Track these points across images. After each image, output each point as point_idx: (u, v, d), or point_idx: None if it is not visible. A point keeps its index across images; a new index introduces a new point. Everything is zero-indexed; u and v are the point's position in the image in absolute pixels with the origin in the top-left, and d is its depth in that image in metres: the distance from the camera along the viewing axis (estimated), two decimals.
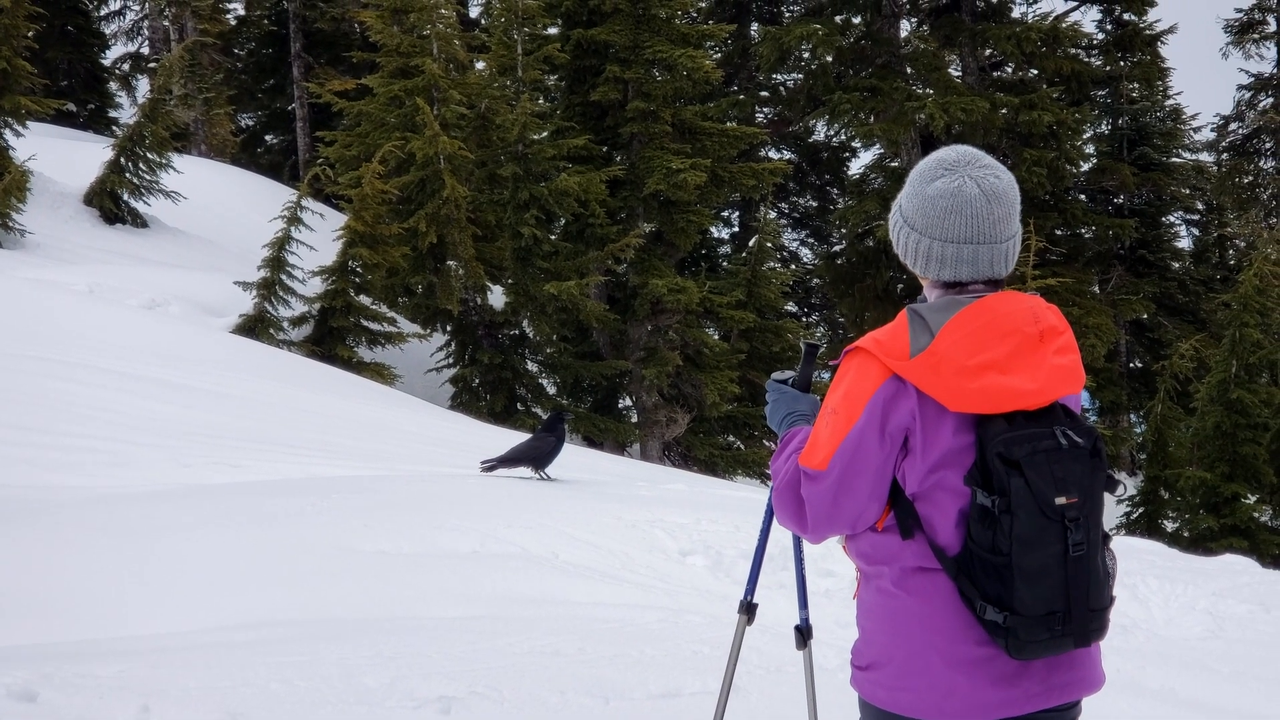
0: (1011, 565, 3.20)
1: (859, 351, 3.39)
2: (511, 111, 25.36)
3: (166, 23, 39.32)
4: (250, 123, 43.91)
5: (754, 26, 37.60)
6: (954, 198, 3.40)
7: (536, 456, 11.25)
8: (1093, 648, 3.42)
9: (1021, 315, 3.36)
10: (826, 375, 5.70)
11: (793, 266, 37.30)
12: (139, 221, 27.59)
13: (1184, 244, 39.30)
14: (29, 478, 10.44)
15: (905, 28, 33.82)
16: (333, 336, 23.67)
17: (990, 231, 3.40)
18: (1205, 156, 38.84)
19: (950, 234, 3.40)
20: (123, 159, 26.97)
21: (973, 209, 3.39)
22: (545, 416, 18.79)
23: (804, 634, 4.39)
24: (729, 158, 27.73)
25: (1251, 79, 37.44)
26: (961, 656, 3.31)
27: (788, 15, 37.58)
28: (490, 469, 11.17)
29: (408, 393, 22.52)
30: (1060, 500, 3.22)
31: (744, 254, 29.36)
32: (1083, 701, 3.49)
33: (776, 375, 3.90)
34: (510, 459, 11.23)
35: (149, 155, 26.97)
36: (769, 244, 29.00)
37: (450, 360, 25.99)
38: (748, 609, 4.53)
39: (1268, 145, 37.59)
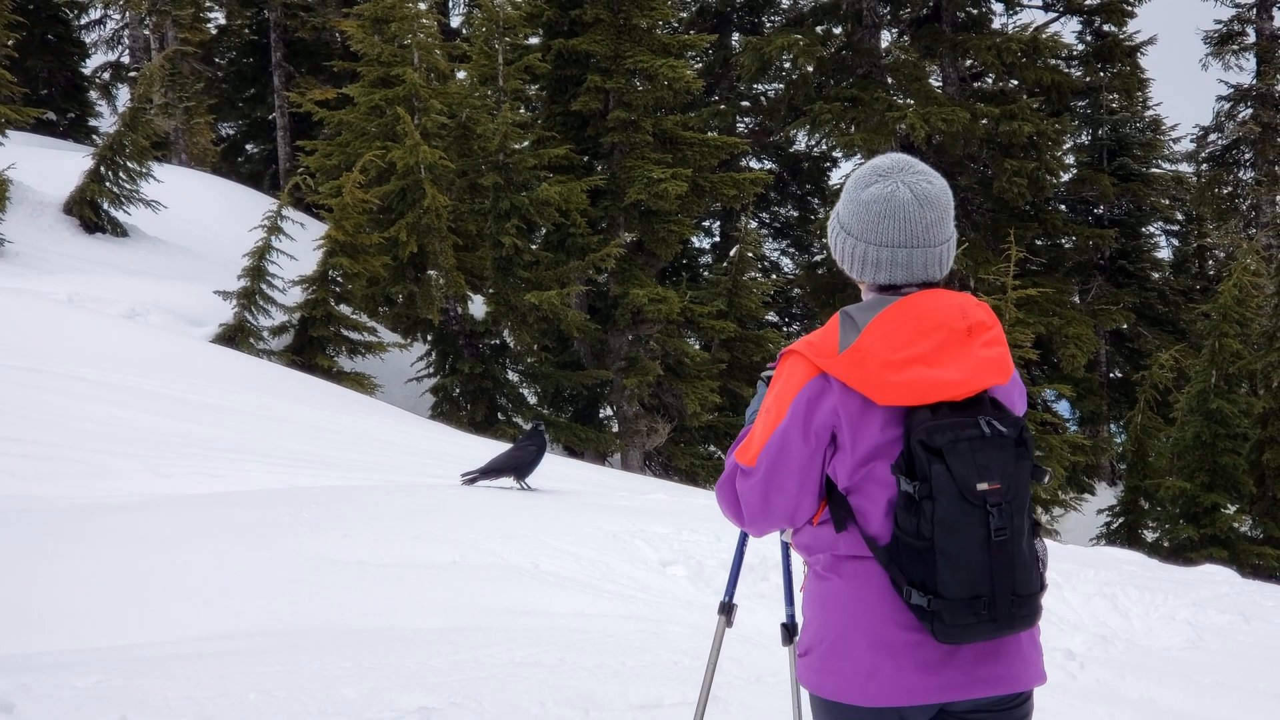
0: (934, 549, 3.28)
1: (791, 353, 3.50)
2: (492, 121, 25.37)
3: (147, 32, 39.23)
4: (231, 132, 43.82)
5: (735, 36, 37.61)
6: (887, 202, 3.48)
7: (518, 466, 11.22)
8: (1026, 644, 3.48)
9: (949, 311, 3.44)
10: None
11: (774, 276, 37.28)
12: (119, 231, 27.53)
13: (1164, 254, 39.44)
14: (6, 488, 10.40)
15: (886, 38, 33.93)
16: (313, 346, 23.64)
17: (923, 235, 3.48)
18: (1185, 167, 38.99)
19: (884, 238, 3.49)
20: (103, 168, 26.92)
21: (905, 213, 3.47)
22: (526, 427, 18.74)
23: (790, 631, 4.41)
24: (710, 167, 27.77)
25: (1231, 90, 37.59)
26: (887, 640, 3.39)
27: (769, 25, 37.63)
28: (471, 481, 11.14)
29: (388, 402, 22.50)
30: (982, 486, 3.28)
31: (725, 264, 29.36)
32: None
33: (767, 371, 3.94)
34: (492, 470, 11.20)
35: (129, 164, 26.91)
36: (750, 254, 29.03)
37: (431, 370, 25.97)
38: (727, 610, 4.59)
39: (1247, 156, 37.73)
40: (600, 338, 26.30)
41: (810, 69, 32.35)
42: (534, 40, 27.47)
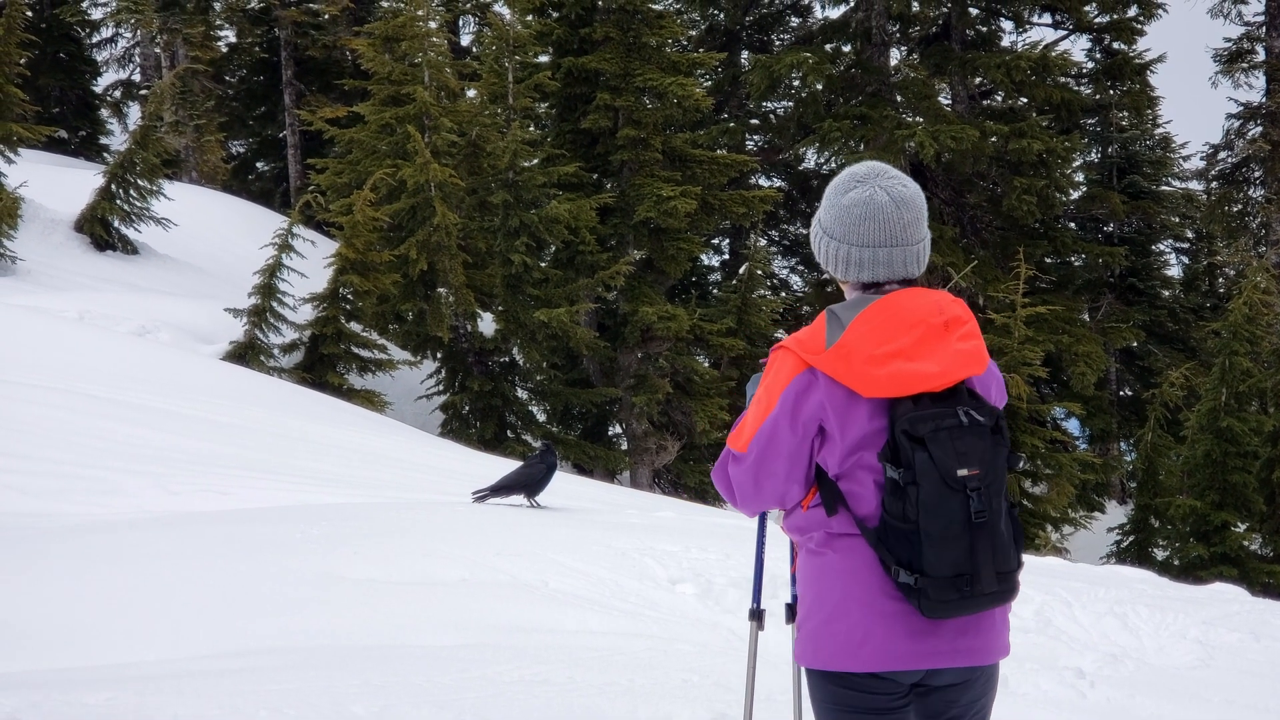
0: (919, 531, 3.54)
1: (781, 349, 3.77)
2: (502, 139, 25.41)
3: (158, 50, 39.39)
4: (241, 150, 43.93)
5: (744, 55, 37.66)
6: (866, 205, 3.78)
7: (529, 484, 11.19)
8: (999, 620, 3.76)
9: (927, 308, 3.70)
10: None
11: (783, 294, 37.30)
12: (129, 248, 27.59)
13: (1174, 272, 39.45)
14: (18, 505, 10.42)
15: (895, 56, 33.92)
16: (323, 363, 23.66)
17: (901, 235, 3.77)
18: (1195, 185, 39.00)
19: (865, 239, 3.77)
20: (114, 186, 26.98)
21: (884, 215, 3.76)
22: (536, 445, 18.69)
23: (792, 610, 4.43)
24: (719, 185, 27.78)
25: (1241, 108, 37.54)
26: (879, 609, 3.66)
27: (778, 43, 37.66)
28: (482, 499, 11.12)
29: (398, 420, 22.52)
30: (962, 472, 3.55)
31: (734, 281, 29.39)
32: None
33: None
34: (502, 487, 11.17)
35: (140, 182, 26.97)
36: (759, 271, 29.07)
37: (440, 387, 25.98)
38: (757, 615, 4.70)
39: (1257, 174, 37.67)
40: (609, 355, 26.31)
41: (819, 87, 32.34)
42: (544, 58, 27.52)
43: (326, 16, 39.54)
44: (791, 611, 4.46)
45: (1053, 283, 32.38)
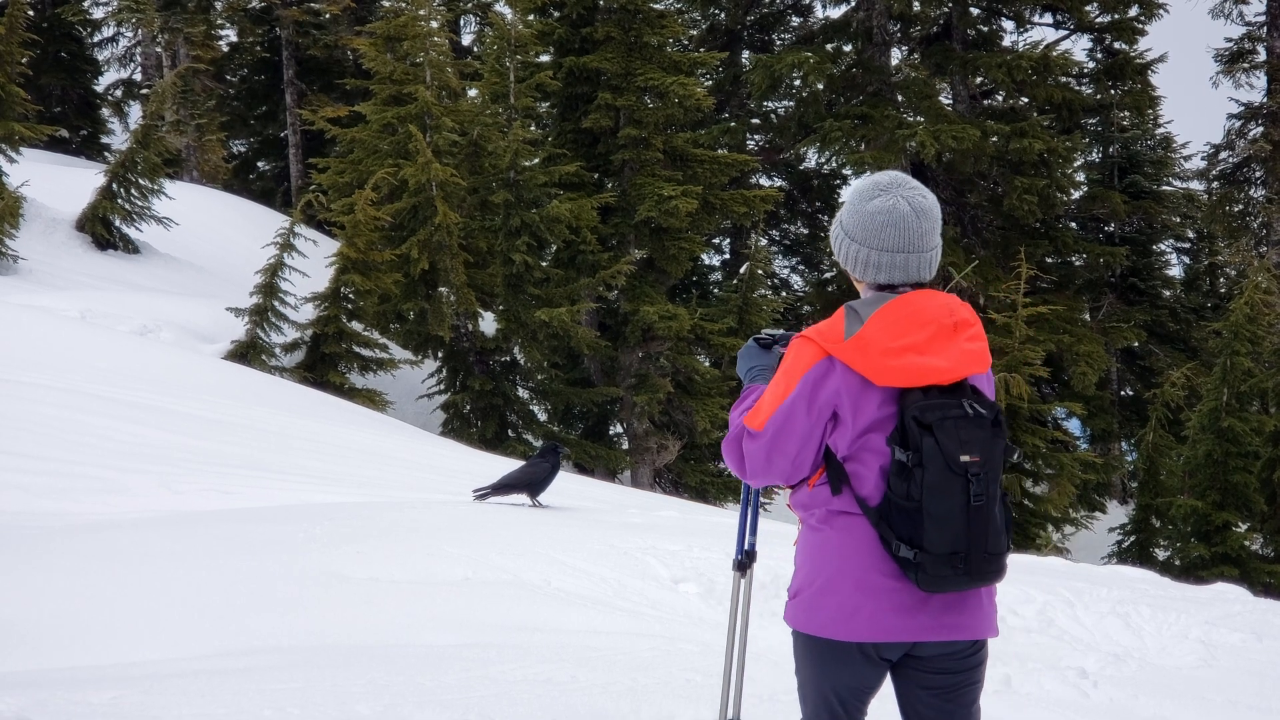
0: (922, 510, 3.84)
1: (803, 338, 4.05)
2: (503, 138, 25.41)
3: (159, 49, 39.40)
4: (243, 149, 43.94)
5: (745, 54, 37.64)
6: (889, 214, 4.06)
7: (531, 483, 11.12)
8: (985, 600, 4.07)
9: (939, 309, 4.01)
10: None
11: (784, 294, 37.29)
12: (131, 247, 27.60)
13: (1175, 272, 39.41)
14: (19, 504, 10.42)
15: (896, 56, 33.91)
16: (325, 363, 23.67)
17: (918, 242, 4.07)
18: (1196, 185, 38.94)
19: (885, 244, 4.06)
20: (115, 185, 27.00)
21: (905, 223, 4.05)
22: (538, 445, 18.63)
23: (750, 557, 4.92)
24: (720, 185, 27.78)
25: (1242, 108, 37.50)
26: (870, 584, 3.96)
27: (779, 43, 37.64)
28: (483, 497, 11.08)
29: (399, 419, 22.52)
30: (964, 458, 3.85)
31: (735, 281, 29.38)
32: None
33: (763, 334, 4.54)
34: (504, 486, 11.11)
35: (141, 181, 26.99)
36: (760, 271, 29.07)
37: (441, 386, 25.98)
38: (740, 565, 4.94)
39: (1258, 174, 37.64)
40: (610, 355, 26.31)
41: (820, 86, 32.34)
42: (545, 58, 27.52)
43: (328, 16, 39.55)
44: (749, 559, 4.95)
45: (1054, 282, 32.36)
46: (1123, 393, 36.25)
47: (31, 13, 34.28)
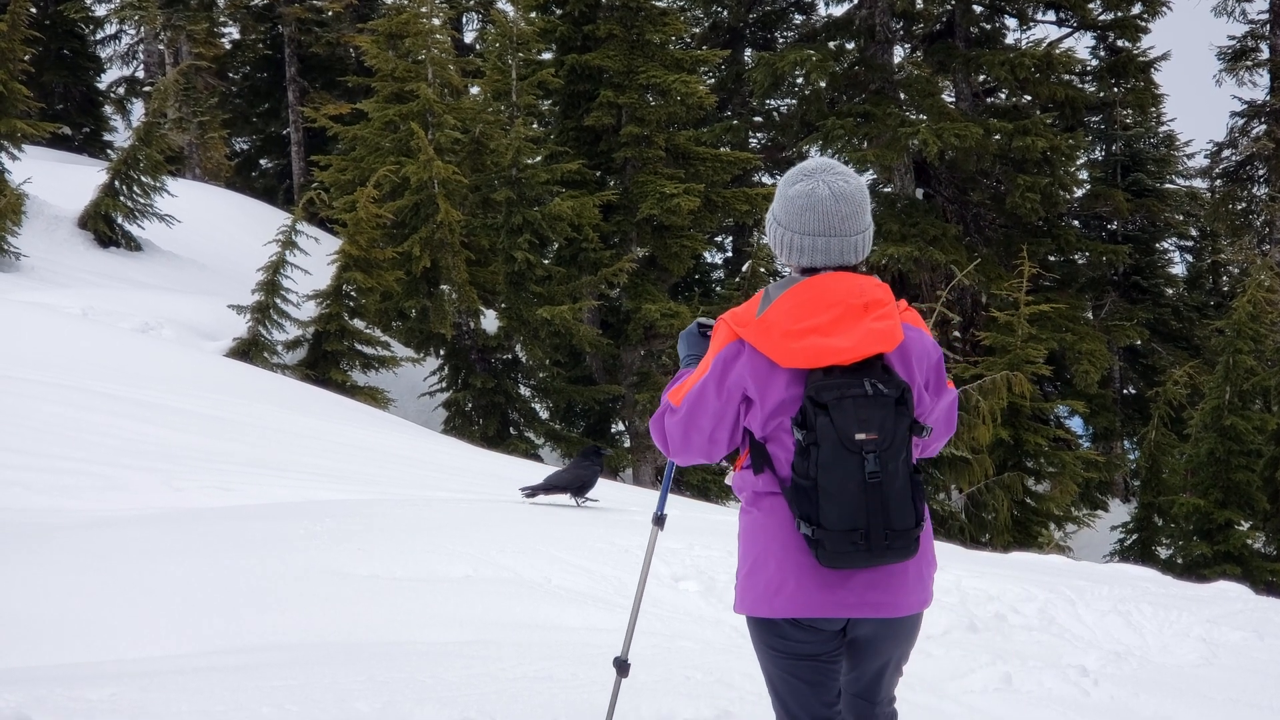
0: (818, 487, 3.93)
1: (720, 320, 4.18)
2: (505, 136, 25.42)
3: (162, 47, 39.40)
4: (245, 146, 43.97)
5: (748, 52, 37.67)
6: (809, 198, 4.15)
7: (580, 485, 11.45)
8: (912, 576, 4.13)
9: (848, 290, 4.06)
10: None
11: None
12: (133, 245, 27.61)
13: (1178, 270, 39.43)
14: (19, 500, 10.42)
15: (899, 54, 33.92)
16: (326, 360, 23.67)
17: (839, 226, 4.14)
18: (1199, 183, 38.97)
19: (806, 228, 4.15)
20: (117, 182, 27.01)
21: (824, 207, 4.13)
22: (539, 442, 18.62)
23: (659, 522, 5.28)
24: (722, 183, 27.78)
25: (1245, 106, 37.53)
26: (794, 563, 4.05)
27: (781, 41, 37.67)
28: (531, 495, 11.34)
29: (401, 417, 22.52)
30: (860, 436, 3.92)
31: (737, 279, 29.37)
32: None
33: (702, 320, 4.64)
34: (553, 486, 11.44)
35: (143, 179, 27.01)
36: (762, 269, 29.04)
37: (443, 384, 25.98)
38: (659, 520, 5.29)
39: (1261, 172, 37.67)
40: (612, 353, 26.31)
41: (823, 84, 32.34)
42: (547, 55, 27.54)
43: (330, 13, 39.57)
44: (659, 523, 5.29)
45: (1056, 281, 32.36)
46: (1125, 391, 36.25)
47: (34, 10, 34.29)
